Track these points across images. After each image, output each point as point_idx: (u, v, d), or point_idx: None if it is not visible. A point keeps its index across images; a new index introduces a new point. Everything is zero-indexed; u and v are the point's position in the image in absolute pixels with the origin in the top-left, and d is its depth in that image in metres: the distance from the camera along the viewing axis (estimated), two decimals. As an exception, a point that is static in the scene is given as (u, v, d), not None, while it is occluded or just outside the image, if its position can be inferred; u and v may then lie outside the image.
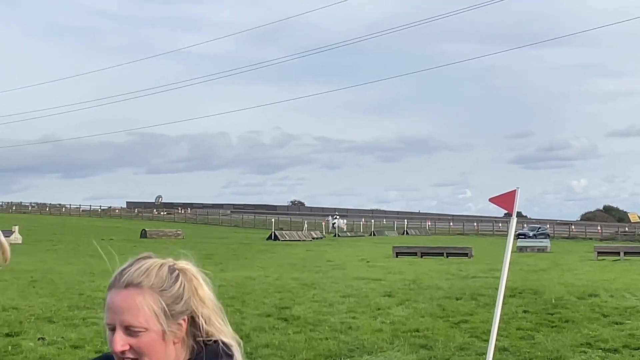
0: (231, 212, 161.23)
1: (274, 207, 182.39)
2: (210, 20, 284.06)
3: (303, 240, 77.77)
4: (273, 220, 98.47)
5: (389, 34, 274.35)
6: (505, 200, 10.19)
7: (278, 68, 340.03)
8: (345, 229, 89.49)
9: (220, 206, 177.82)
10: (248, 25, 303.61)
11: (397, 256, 44.22)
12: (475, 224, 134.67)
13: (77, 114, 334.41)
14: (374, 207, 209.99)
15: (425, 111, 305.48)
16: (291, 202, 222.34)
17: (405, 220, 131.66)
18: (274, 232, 79.20)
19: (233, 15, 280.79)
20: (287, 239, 77.58)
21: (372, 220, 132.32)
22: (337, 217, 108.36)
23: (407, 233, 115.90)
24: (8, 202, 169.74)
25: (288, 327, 15.77)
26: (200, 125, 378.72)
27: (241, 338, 9.24)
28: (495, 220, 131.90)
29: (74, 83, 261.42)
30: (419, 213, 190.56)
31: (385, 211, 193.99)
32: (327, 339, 14.27)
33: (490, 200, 10.25)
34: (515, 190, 10.12)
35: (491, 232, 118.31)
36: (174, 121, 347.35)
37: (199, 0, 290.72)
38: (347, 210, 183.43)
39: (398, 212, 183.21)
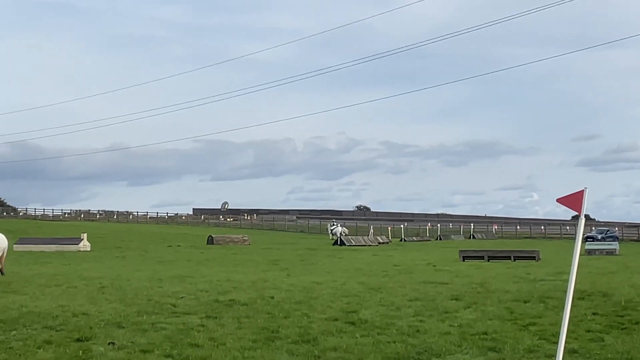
0: (297, 217, 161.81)
1: (339, 213, 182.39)
2: (275, 27, 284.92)
3: (369, 245, 77.74)
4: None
5: (451, 38, 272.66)
6: (573, 200, 10.11)
7: (342, 73, 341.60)
8: (346, 235, 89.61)
9: (286, 212, 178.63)
10: (312, 32, 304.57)
11: (464, 260, 44.00)
12: (542, 227, 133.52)
13: (144, 122, 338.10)
14: (439, 211, 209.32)
15: (489, 115, 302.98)
16: (357, 207, 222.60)
17: (472, 224, 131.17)
18: (340, 237, 79.19)
19: (297, 22, 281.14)
20: (353, 243, 77.57)
21: (438, 225, 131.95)
22: (336, 224, 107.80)
23: (473, 237, 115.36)
24: (77, 210, 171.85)
25: (355, 330, 15.77)
26: (266, 131, 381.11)
27: (309, 341, 9.38)
28: (563, 224, 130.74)
29: (140, 91, 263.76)
30: (485, 217, 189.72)
31: (451, 215, 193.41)
32: (394, 342, 14.25)
33: (558, 200, 10.18)
34: (583, 191, 10.04)
35: (559, 236, 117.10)
36: (239, 128, 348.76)
37: (263, 7, 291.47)
38: (412, 214, 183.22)
39: (464, 216, 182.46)
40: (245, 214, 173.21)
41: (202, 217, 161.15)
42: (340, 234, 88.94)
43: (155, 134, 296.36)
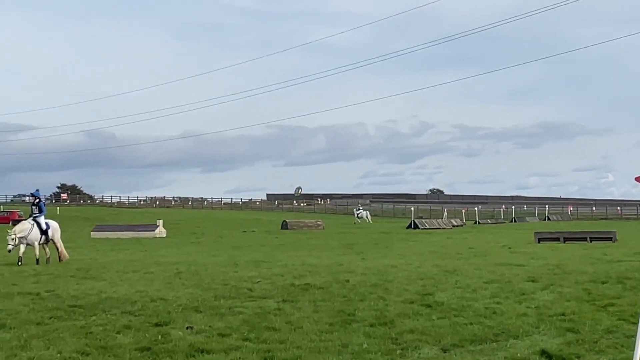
0: (370, 201, 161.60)
1: (413, 196, 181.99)
2: (346, 11, 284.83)
3: (443, 228, 77.44)
4: (412, 209, 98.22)
5: (523, 19, 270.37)
6: (652, 179, 9.93)
7: (413, 57, 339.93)
8: (368, 221, 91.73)
9: (360, 196, 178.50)
10: (383, 15, 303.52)
11: (539, 242, 43.56)
12: (618, 208, 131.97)
13: (217, 109, 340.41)
14: (514, 193, 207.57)
15: (563, 96, 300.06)
16: (430, 190, 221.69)
17: (547, 206, 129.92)
18: (414, 221, 78.98)
19: (367, 6, 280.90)
20: (427, 227, 77.31)
21: (513, 207, 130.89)
22: (361, 209, 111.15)
23: (548, 219, 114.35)
24: (152, 197, 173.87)
25: (432, 312, 15.72)
26: (338, 116, 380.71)
27: (385, 324, 9.34)
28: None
29: (213, 78, 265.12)
30: (560, 198, 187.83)
31: (525, 197, 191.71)
32: (471, 324, 14.17)
33: (636, 179, 10.01)
34: (662, 169, 9.86)
35: (635, 216, 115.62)
36: (312, 112, 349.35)
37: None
38: (486, 197, 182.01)
39: (539, 198, 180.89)
40: (319, 199, 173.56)
41: (276, 203, 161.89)
42: (366, 217, 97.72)
43: (228, 120, 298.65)
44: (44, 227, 31.91)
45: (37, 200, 32.68)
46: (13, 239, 30.87)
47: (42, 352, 12.01)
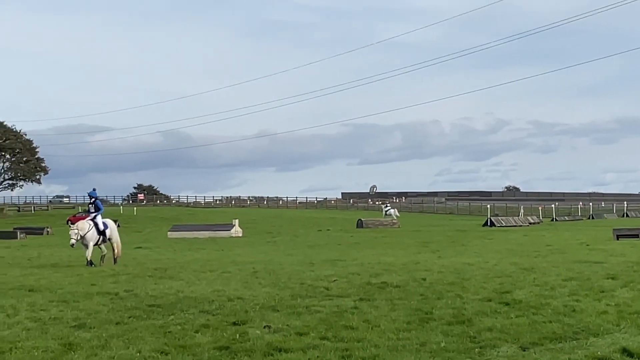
0: (446, 199, 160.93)
1: (488, 194, 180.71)
2: (418, 8, 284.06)
3: (520, 226, 76.76)
4: (488, 206, 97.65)
5: (598, 13, 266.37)
6: None
7: (487, 53, 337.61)
8: (395, 218, 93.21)
9: (435, 194, 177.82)
10: (457, 12, 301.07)
11: (617, 239, 42.93)
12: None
13: (291, 108, 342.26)
14: (591, 190, 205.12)
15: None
16: (506, 187, 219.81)
17: (625, 203, 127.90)
18: (490, 218, 78.46)
19: (442, 3, 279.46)
20: (504, 224, 76.71)
21: (590, 204, 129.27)
22: (389, 206, 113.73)
23: (627, 215, 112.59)
24: (227, 197, 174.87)
25: (510, 310, 15.57)
26: (412, 113, 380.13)
27: (463, 322, 9.27)
28: None
29: (287, 77, 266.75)
30: (638, 195, 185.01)
31: (603, 194, 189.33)
32: (550, 322, 14.01)
33: None
34: None
35: None
36: (386, 111, 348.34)
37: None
38: (563, 194, 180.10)
39: (617, 195, 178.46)
40: (394, 197, 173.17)
41: (351, 201, 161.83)
42: (394, 214, 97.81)
43: (303, 119, 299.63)
44: (101, 227, 31.63)
45: (94, 199, 32.42)
46: (76, 234, 30.60)
47: (122, 352, 12.14)
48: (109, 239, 31.92)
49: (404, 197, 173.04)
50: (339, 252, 37.38)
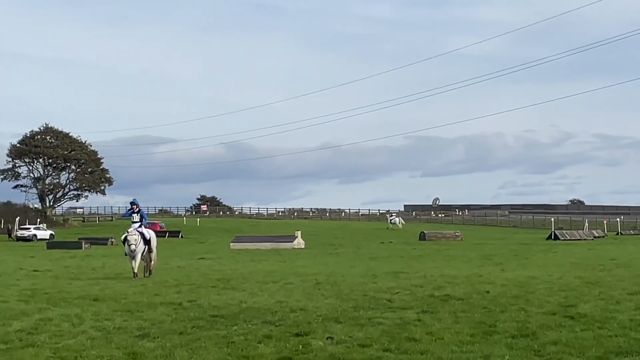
0: (509, 212, 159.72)
1: (552, 207, 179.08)
2: (481, 21, 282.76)
3: (584, 239, 75.94)
4: (552, 219, 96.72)
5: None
6: None
7: (552, 65, 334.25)
8: (400, 227, 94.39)
9: (498, 207, 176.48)
10: (521, 24, 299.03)
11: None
12: None
13: (355, 120, 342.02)
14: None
15: None
16: (570, 201, 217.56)
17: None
18: (554, 232, 77.72)
19: (506, 15, 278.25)
20: (568, 238, 75.93)
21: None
22: (394, 215, 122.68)
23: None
24: (290, 209, 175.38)
25: (575, 324, 15.39)
26: (476, 126, 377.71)
27: (527, 336, 9.18)
28: None
29: (351, 89, 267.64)
30: None
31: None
32: (616, 336, 13.82)
33: None
34: None
35: None
36: (449, 123, 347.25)
37: (470, 2, 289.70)
38: (629, 207, 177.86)
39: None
40: (457, 210, 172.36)
41: (414, 214, 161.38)
42: (399, 223, 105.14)
43: (366, 131, 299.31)
44: (147, 236, 30.56)
45: (138, 208, 31.12)
46: (136, 240, 29.65)
47: (186, 361, 12.19)
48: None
49: (467, 210, 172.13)
50: (402, 264, 37.26)
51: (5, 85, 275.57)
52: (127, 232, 30.20)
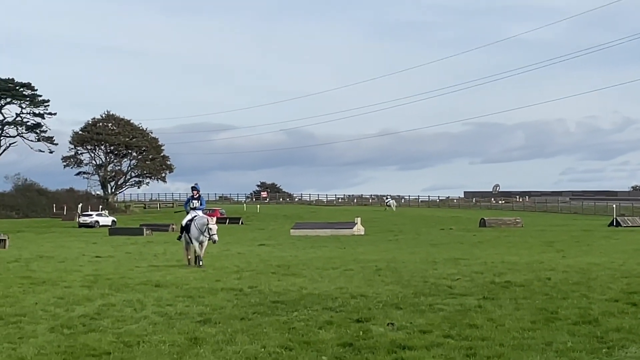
0: (570, 199, 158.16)
1: (614, 193, 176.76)
2: (541, 6, 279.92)
3: (647, 226, 74.94)
4: (614, 206, 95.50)
5: None
6: None
7: (614, 51, 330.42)
8: (394, 210, 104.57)
9: (559, 193, 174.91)
10: (582, 9, 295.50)
11: None
12: None
13: (414, 106, 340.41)
14: None
15: None
16: (632, 187, 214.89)
17: None
18: (616, 218, 76.76)
19: (565, 1, 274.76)
20: (630, 224, 74.97)
21: None
22: (389, 198, 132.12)
23: None
24: (349, 195, 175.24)
25: (638, 311, 15.24)
26: (536, 112, 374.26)
27: (589, 322, 9.10)
28: None
29: (410, 76, 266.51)
30: None
31: None
32: (680, 323, 13.69)
33: None
34: None
35: None
36: (509, 109, 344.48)
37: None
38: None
39: None
40: (517, 196, 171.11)
41: (474, 200, 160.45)
42: (392, 206, 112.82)
43: (425, 117, 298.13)
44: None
45: (198, 194, 30.44)
46: (216, 229, 29.02)
47: (247, 347, 12.27)
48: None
49: (527, 197, 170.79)
50: (462, 251, 37.13)
51: (68, 74, 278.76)
52: (194, 217, 29.39)
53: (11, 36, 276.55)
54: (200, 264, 28.28)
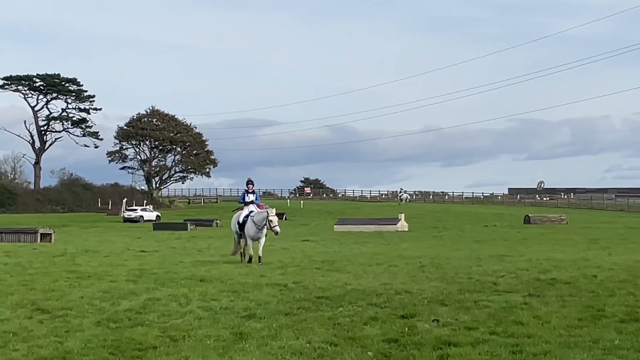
0: (616, 196, 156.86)
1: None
2: (587, 2, 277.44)
3: (694, 223, 74.24)
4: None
5: None
6: None
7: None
8: (405, 203, 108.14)
9: (604, 190, 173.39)
10: (627, 6, 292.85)
11: None
12: None
13: (458, 103, 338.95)
14: None
15: None
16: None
17: None
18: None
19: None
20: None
21: None
22: (403, 191, 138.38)
23: None
24: (393, 191, 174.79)
25: (686, 310, 15.13)
26: (581, 109, 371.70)
27: (637, 320, 9.05)
28: None
29: (454, 72, 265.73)
30: None
31: None
32: None
33: None
34: None
35: None
36: (554, 106, 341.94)
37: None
38: None
39: None
40: (562, 193, 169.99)
41: (518, 197, 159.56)
42: (405, 200, 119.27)
43: (469, 114, 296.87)
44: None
45: (252, 188, 29.01)
46: (278, 221, 28.03)
47: (292, 342, 12.30)
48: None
49: (572, 193, 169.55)
50: (506, 247, 36.95)
51: (113, 69, 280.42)
52: (251, 213, 28.03)
53: (57, 32, 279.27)
54: (260, 262, 27.05)
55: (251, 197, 28.79)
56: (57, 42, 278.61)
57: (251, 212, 28.12)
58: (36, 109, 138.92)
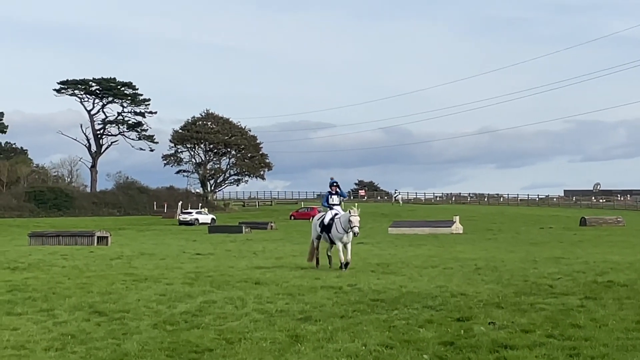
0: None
1: None
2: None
3: None
4: None
5: None
6: None
7: None
8: (401, 204, 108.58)
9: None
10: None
11: None
12: None
13: (513, 104, 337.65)
14: None
15: None
16: None
17: None
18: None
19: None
20: None
21: None
22: (398, 193, 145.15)
23: None
24: (448, 194, 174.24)
25: None
26: (638, 110, 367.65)
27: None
28: None
29: (509, 73, 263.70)
30: None
31: None
32: None
33: None
34: None
35: None
36: (610, 107, 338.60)
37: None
38: None
39: None
40: (618, 195, 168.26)
41: (574, 199, 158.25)
42: (400, 200, 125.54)
43: (524, 115, 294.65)
44: (326, 220, 26.93)
45: (335, 189, 27.45)
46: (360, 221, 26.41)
47: (348, 345, 12.32)
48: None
49: (628, 195, 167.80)
50: (562, 250, 36.68)
51: (168, 72, 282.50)
52: (336, 215, 26.67)
53: (113, 36, 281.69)
54: (345, 269, 25.58)
55: (336, 200, 27.37)
56: (113, 46, 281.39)
57: (336, 214, 26.74)
58: (92, 112, 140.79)
